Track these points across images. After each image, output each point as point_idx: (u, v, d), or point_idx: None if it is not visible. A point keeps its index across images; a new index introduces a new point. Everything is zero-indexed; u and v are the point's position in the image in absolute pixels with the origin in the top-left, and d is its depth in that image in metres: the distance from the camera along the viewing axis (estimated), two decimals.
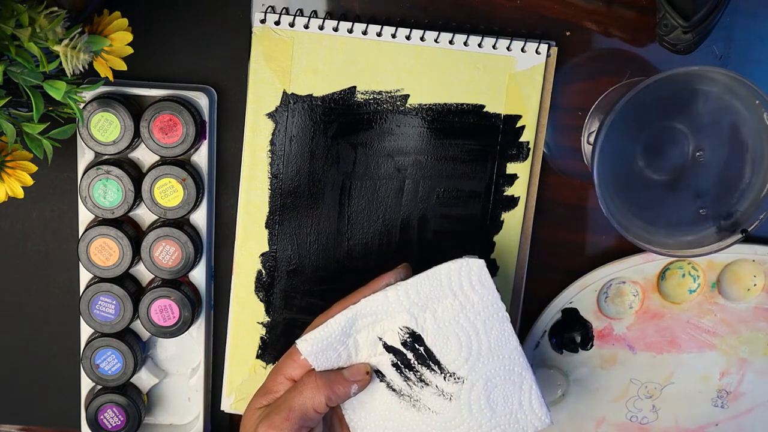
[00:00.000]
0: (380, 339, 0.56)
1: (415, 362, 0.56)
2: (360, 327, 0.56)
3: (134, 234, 0.63)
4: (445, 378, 0.56)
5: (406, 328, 0.56)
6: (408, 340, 0.56)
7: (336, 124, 0.62)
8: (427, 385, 0.57)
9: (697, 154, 0.57)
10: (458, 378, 0.56)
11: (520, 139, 0.62)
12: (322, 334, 0.55)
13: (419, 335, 0.56)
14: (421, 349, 0.56)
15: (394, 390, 0.57)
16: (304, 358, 0.55)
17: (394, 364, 0.56)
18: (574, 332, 0.67)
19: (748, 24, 0.62)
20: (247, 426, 0.55)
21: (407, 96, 0.62)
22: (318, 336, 0.54)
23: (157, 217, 0.64)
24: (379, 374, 0.57)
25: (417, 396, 0.57)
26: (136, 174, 0.62)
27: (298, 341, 0.55)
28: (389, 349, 0.56)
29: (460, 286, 0.56)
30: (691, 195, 0.58)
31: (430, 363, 0.56)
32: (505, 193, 0.63)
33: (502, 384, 0.56)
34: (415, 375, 0.57)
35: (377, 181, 0.63)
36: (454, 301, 0.56)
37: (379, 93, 0.62)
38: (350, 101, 0.62)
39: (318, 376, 0.54)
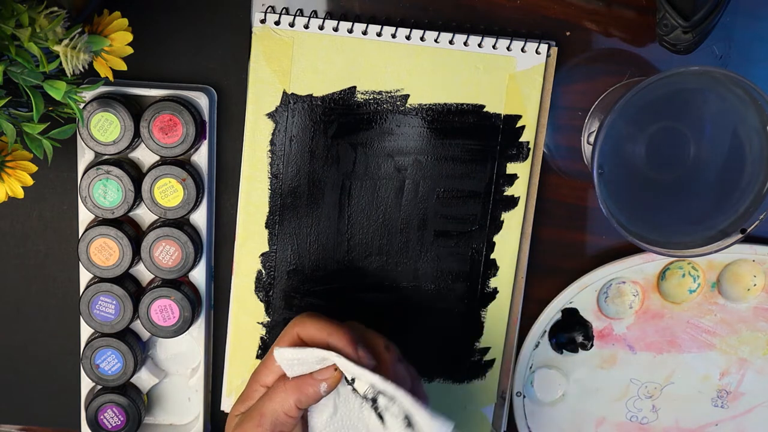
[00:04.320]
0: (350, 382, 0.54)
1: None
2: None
3: (134, 234, 0.63)
4: None
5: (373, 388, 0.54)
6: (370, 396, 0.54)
7: (336, 124, 0.62)
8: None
9: (697, 154, 0.57)
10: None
11: (520, 139, 0.62)
12: (302, 353, 0.54)
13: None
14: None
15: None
16: (278, 365, 0.54)
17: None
18: (574, 332, 0.67)
19: (748, 24, 0.62)
20: None
21: (407, 96, 0.62)
22: (297, 353, 0.54)
23: (157, 217, 0.64)
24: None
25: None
26: (136, 174, 0.62)
27: (276, 348, 0.54)
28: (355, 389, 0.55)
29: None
30: (690, 195, 0.58)
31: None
32: (505, 193, 0.63)
33: None
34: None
35: (377, 181, 0.63)
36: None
37: (379, 93, 0.62)
38: (350, 101, 0.62)
39: (287, 380, 0.54)
